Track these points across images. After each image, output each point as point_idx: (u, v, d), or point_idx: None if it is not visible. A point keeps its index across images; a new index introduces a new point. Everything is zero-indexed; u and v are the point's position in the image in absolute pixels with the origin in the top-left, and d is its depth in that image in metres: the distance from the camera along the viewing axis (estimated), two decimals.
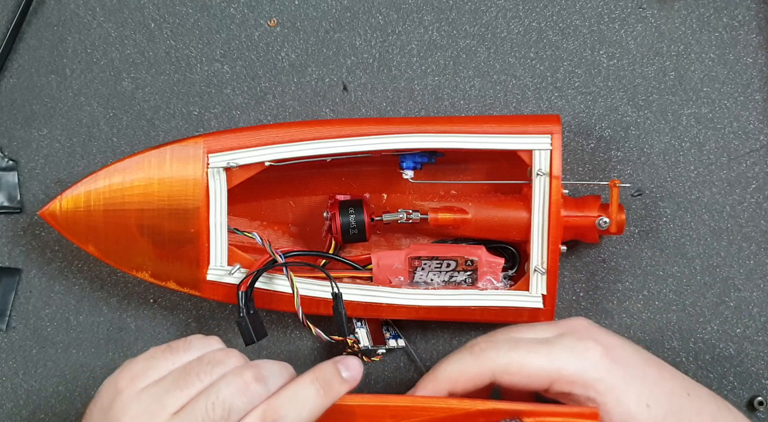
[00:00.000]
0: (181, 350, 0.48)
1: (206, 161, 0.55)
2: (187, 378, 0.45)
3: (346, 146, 0.55)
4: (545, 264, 0.54)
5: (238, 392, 0.44)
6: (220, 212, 0.55)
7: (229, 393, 0.44)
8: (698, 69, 0.60)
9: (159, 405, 0.45)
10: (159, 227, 0.55)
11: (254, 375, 0.45)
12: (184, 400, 0.45)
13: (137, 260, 0.55)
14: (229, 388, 0.45)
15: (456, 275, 0.56)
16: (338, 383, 0.47)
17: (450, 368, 0.48)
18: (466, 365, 0.48)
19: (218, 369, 0.46)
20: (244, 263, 0.55)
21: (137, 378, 0.46)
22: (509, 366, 0.47)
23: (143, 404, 0.45)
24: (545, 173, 0.54)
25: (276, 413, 0.45)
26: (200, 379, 0.45)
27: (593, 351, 0.48)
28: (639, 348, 0.50)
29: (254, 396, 0.45)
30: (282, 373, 0.47)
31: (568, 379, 0.47)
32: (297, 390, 0.46)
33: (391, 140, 0.54)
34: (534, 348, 0.48)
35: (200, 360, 0.47)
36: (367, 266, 0.56)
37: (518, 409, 0.46)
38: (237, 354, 0.47)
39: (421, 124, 0.55)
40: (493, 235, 0.57)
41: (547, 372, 0.47)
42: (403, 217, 0.57)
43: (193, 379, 0.45)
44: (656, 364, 0.50)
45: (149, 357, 0.48)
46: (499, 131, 0.54)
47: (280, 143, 0.55)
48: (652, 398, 0.47)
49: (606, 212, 0.55)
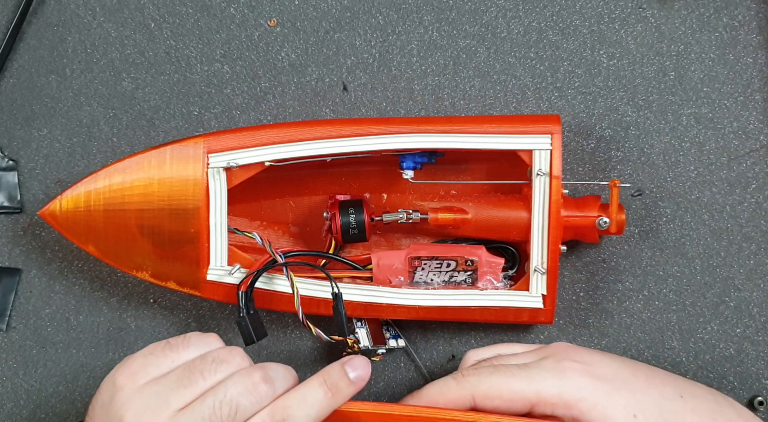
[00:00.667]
0: (180, 347, 0.48)
1: (206, 161, 0.55)
2: (191, 377, 0.46)
3: (346, 146, 0.55)
4: (545, 264, 0.54)
5: (246, 392, 0.45)
6: (220, 212, 0.55)
7: (237, 392, 0.45)
8: (698, 69, 0.60)
9: (163, 402, 0.45)
10: (159, 227, 0.55)
11: (262, 375, 0.46)
12: (189, 398, 0.45)
13: (137, 260, 0.55)
14: (236, 387, 0.45)
15: (456, 275, 0.56)
16: (346, 384, 0.47)
17: (433, 390, 0.49)
18: (448, 388, 0.49)
19: (223, 367, 0.46)
20: (244, 263, 0.55)
21: (137, 375, 0.46)
22: (489, 391, 0.47)
23: (146, 400, 0.45)
24: (545, 173, 0.54)
25: (284, 412, 0.45)
26: (204, 377, 0.46)
27: (572, 370, 0.48)
28: (625, 360, 0.50)
29: (262, 397, 0.45)
30: (288, 376, 0.47)
31: (548, 401, 0.47)
32: (305, 392, 0.46)
33: (391, 140, 0.54)
34: (513, 373, 0.48)
35: (204, 359, 0.47)
36: (367, 266, 0.56)
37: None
38: (241, 353, 0.48)
39: (421, 124, 0.55)
40: (493, 235, 0.57)
41: (526, 396, 0.47)
42: (403, 217, 0.57)
43: (197, 377, 0.46)
44: (644, 372, 0.50)
45: (148, 354, 0.48)
46: (499, 131, 0.54)
47: (280, 143, 0.55)
48: (639, 407, 0.47)
49: (606, 212, 0.55)
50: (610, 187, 0.55)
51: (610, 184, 0.55)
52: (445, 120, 0.56)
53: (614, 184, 0.54)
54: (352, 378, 0.47)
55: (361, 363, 0.48)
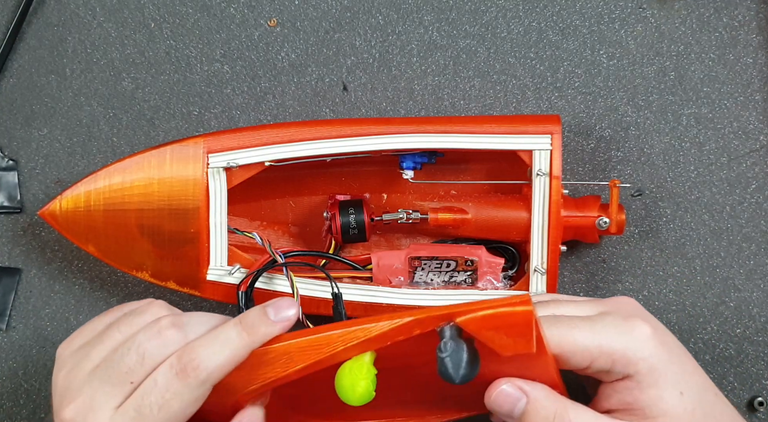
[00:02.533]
0: (115, 310, 0.49)
1: (206, 161, 0.55)
2: (109, 332, 0.46)
3: (346, 146, 0.55)
4: (545, 264, 0.54)
5: (153, 337, 0.45)
6: (220, 212, 0.55)
7: (144, 339, 0.45)
8: (698, 69, 0.60)
9: (86, 359, 0.46)
10: (159, 227, 0.55)
11: (171, 321, 0.46)
12: (106, 353, 0.45)
13: (137, 260, 0.55)
14: (145, 335, 0.45)
15: (456, 276, 0.56)
16: (265, 325, 0.45)
17: None
18: None
19: (138, 319, 0.46)
20: (244, 263, 0.55)
21: (74, 340, 0.48)
22: (550, 342, 0.44)
23: (73, 360, 0.46)
24: (545, 174, 0.54)
25: (192, 353, 0.44)
26: (120, 331, 0.46)
27: (641, 329, 0.46)
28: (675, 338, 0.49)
29: (169, 341, 0.45)
30: (208, 322, 0.47)
31: (611, 355, 0.45)
32: (217, 333, 0.45)
33: (391, 140, 0.54)
34: (576, 324, 0.45)
35: (124, 313, 0.48)
36: (367, 266, 0.56)
37: (449, 312, 0.43)
38: (160, 304, 0.48)
39: (421, 124, 0.55)
40: (493, 235, 0.57)
41: (588, 348, 0.45)
42: (403, 217, 0.57)
43: (114, 332, 0.46)
44: (690, 358, 0.49)
45: (87, 323, 0.49)
46: (499, 131, 0.54)
47: (280, 143, 0.55)
48: (686, 387, 0.46)
49: (606, 212, 0.55)
50: (610, 187, 0.55)
51: (610, 184, 0.55)
52: (444, 120, 0.56)
53: (614, 184, 0.54)
54: (274, 319, 0.46)
55: (286, 303, 0.47)
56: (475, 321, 0.42)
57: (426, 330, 0.43)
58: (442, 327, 0.43)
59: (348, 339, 0.44)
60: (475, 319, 0.42)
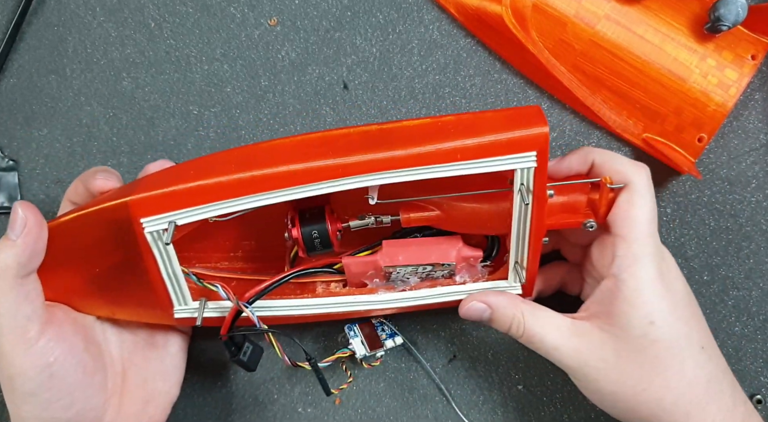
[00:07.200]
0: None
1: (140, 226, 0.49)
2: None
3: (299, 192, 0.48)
4: (525, 263, 0.52)
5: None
6: (170, 263, 0.51)
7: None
8: None
9: None
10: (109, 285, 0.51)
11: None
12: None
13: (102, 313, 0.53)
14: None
15: (433, 273, 0.54)
16: (8, 247, 0.48)
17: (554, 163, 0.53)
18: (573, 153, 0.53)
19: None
20: (210, 296, 0.52)
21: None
22: (603, 159, 0.52)
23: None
24: (529, 191, 0.49)
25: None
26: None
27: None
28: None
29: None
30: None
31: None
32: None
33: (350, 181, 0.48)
34: (624, 161, 0.52)
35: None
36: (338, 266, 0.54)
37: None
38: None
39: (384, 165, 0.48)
40: (469, 229, 0.54)
41: (625, 177, 0.51)
42: (371, 222, 0.53)
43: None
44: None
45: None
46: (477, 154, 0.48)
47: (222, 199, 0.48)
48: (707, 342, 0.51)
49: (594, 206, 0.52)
50: (601, 185, 0.51)
51: (601, 182, 0.51)
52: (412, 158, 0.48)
53: (605, 182, 0.51)
54: (15, 238, 0.48)
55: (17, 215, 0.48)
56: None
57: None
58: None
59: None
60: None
